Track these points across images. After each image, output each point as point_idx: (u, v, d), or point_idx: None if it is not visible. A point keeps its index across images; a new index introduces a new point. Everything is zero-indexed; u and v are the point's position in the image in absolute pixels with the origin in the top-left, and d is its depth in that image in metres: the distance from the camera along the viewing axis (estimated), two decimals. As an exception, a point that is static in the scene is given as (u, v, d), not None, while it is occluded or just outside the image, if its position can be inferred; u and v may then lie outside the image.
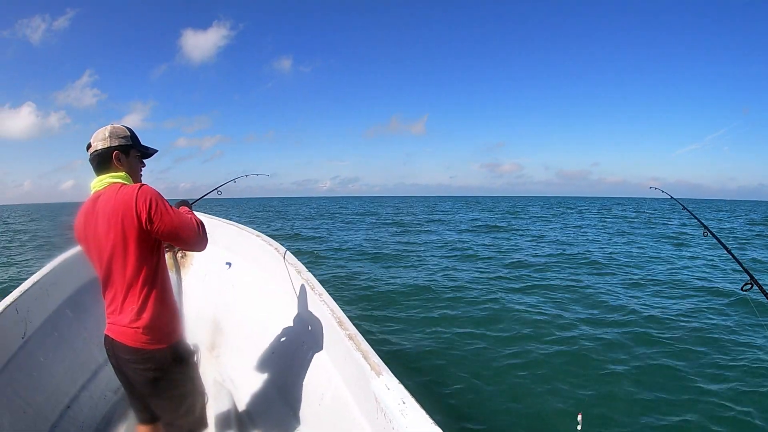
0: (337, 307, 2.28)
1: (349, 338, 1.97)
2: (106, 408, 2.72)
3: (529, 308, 6.23)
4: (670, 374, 4.14)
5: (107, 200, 1.65)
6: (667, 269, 9.36)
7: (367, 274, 8.78)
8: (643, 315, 5.90)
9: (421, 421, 1.39)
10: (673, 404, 3.60)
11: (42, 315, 2.62)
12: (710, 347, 4.73)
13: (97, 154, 1.73)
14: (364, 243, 13.93)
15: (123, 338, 1.70)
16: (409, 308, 6.31)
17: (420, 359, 4.48)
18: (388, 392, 1.56)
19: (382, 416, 1.54)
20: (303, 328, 2.60)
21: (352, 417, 1.87)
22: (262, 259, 3.34)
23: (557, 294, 7.12)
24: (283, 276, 2.95)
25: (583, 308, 6.29)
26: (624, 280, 8.22)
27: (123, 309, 1.69)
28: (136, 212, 1.59)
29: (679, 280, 8.17)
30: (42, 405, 2.34)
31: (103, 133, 1.75)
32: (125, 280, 1.67)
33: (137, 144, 1.83)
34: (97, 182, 1.74)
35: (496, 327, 5.43)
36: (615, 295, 7.03)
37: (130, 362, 1.72)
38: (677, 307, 6.32)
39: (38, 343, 2.49)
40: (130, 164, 1.80)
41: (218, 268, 3.76)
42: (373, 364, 1.74)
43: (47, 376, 2.47)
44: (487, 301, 6.68)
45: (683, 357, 4.49)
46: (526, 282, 8.06)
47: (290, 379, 2.51)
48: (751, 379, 3.98)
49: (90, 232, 1.70)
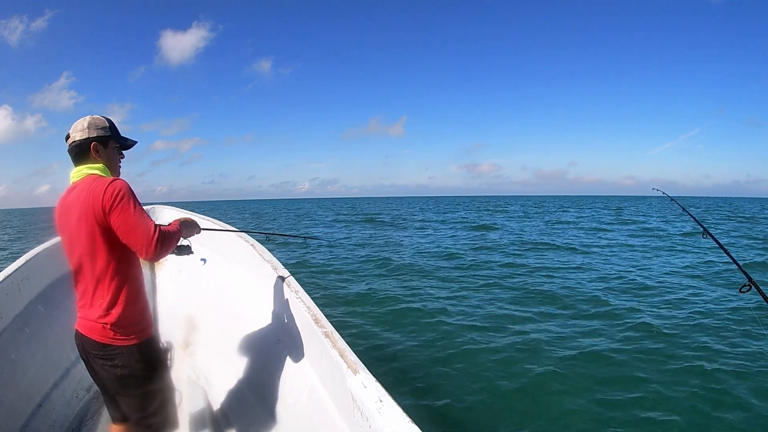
0: (313, 304, 2.25)
1: (325, 336, 1.95)
2: (79, 406, 2.65)
3: (511, 306, 6.32)
4: (659, 377, 4.11)
5: (80, 192, 1.62)
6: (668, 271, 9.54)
7: (350, 273, 8.78)
8: (635, 315, 5.93)
9: (398, 420, 1.38)
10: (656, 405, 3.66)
11: (13, 311, 2.54)
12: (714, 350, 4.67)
13: (76, 144, 1.70)
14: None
15: (91, 333, 1.67)
16: (386, 306, 6.34)
17: (398, 357, 4.49)
18: (365, 390, 1.55)
19: (359, 414, 1.52)
20: (279, 326, 2.57)
21: (329, 416, 1.85)
22: (238, 256, 3.29)
23: (538, 291, 7.21)
24: (258, 273, 2.91)
25: (566, 306, 6.41)
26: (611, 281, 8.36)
27: (92, 303, 1.66)
28: (102, 204, 1.56)
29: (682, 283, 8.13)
30: (13, 403, 2.26)
31: (82, 124, 1.71)
32: (95, 274, 1.64)
33: (116, 135, 1.79)
34: (75, 173, 1.71)
35: (478, 325, 5.46)
36: (603, 295, 7.12)
37: (97, 358, 1.69)
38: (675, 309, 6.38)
39: (9, 340, 2.41)
40: (109, 156, 1.76)
41: (193, 265, 3.69)
42: (349, 362, 1.72)
43: (19, 374, 2.39)
44: (466, 298, 6.75)
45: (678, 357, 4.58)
46: (509, 280, 8.15)
47: (266, 377, 2.48)
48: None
49: (64, 223, 1.68)
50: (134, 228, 1.58)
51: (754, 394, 3.70)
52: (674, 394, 3.72)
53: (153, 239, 1.59)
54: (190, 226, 1.98)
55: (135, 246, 1.60)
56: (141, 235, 1.58)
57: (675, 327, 5.35)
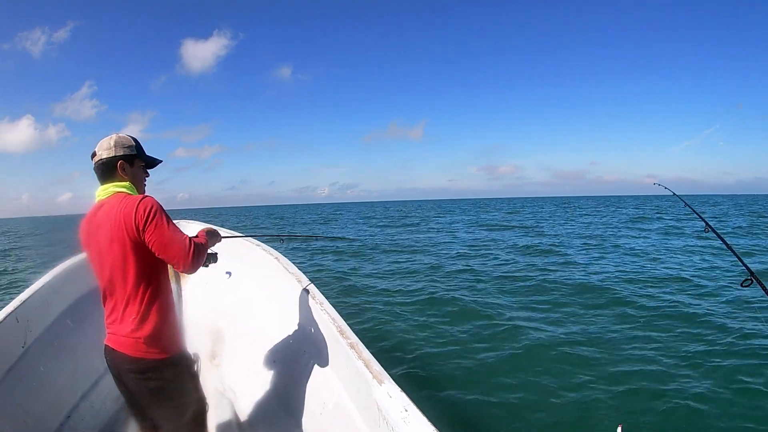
0: (338, 315, 2.27)
1: (350, 347, 1.96)
2: (107, 417, 2.70)
3: (542, 319, 6.16)
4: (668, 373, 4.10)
5: (109, 210, 1.66)
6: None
7: (373, 279, 8.76)
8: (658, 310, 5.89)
9: (423, 429, 1.38)
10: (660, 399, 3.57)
11: (42, 324, 2.61)
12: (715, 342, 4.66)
13: (102, 163, 1.75)
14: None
15: (123, 348, 1.70)
16: (413, 315, 6.29)
17: (424, 367, 4.45)
18: (391, 400, 1.55)
19: (385, 424, 1.52)
20: (304, 337, 2.59)
21: (355, 426, 1.86)
22: (262, 268, 3.33)
23: (568, 303, 6.99)
24: (283, 285, 2.94)
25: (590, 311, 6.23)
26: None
27: (123, 319, 1.69)
28: (134, 222, 1.60)
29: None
30: (42, 415, 2.32)
31: (108, 143, 1.76)
32: (126, 291, 1.68)
33: (142, 154, 1.84)
34: (101, 191, 1.75)
35: (505, 337, 5.32)
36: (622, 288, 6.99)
37: (130, 372, 1.72)
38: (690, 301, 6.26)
39: (38, 352, 2.47)
40: (135, 174, 1.81)
41: (218, 278, 3.75)
42: (375, 372, 1.73)
43: (48, 386, 2.45)
44: (497, 307, 6.60)
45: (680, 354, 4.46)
46: (545, 291, 7.74)
47: (291, 388, 2.49)
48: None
49: (92, 241, 1.71)
50: (170, 243, 1.63)
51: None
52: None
53: (190, 252, 1.64)
54: (214, 235, 2.04)
55: (173, 260, 1.65)
56: (178, 249, 1.63)
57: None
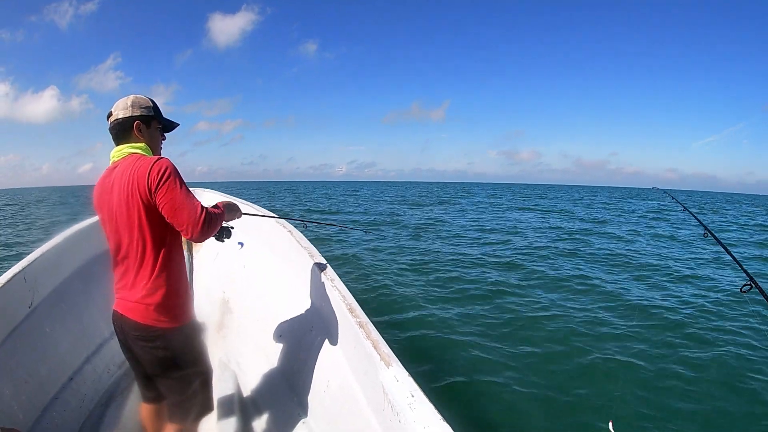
0: (348, 293, 2.21)
1: (359, 326, 1.90)
2: (110, 382, 2.71)
3: (557, 305, 6.06)
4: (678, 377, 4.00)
5: (123, 171, 1.60)
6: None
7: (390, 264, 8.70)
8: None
9: (429, 416, 1.33)
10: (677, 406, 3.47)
11: (50, 285, 2.60)
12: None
13: (118, 123, 1.69)
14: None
15: (133, 314, 1.66)
16: (427, 300, 6.20)
17: (432, 352, 4.40)
18: (397, 384, 1.50)
19: (389, 409, 1.47)
20: (312, 314, 2.54)
21: (358, 407, 1.81)
22: (275, 241, 3.29)
23: (582, 290, 6.85)
24: (295, 259, 2.90)
25: (605, 304, 6.07)
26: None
27: (135, 284, 1.65)
28: (147, 182, 1.54)
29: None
30: (44, 376, 2.32)
31: (125, 102, 1.71)
32: (138, 255, 1.62)
33: (159, 116, 1.78)
34: (115, 152, 1.70)
35: (518, 324, 5.28)
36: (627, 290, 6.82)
37: (138, 339, 1.68)
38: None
39: (44, 313, 2.47)
40: (151, 136, 1.75)
41: (230, 249, 3.73)
42: (383, 354, 1.68)
43: (51, 347, 2.45)
44: (512, 295, 6.50)
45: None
46: (561, 278, 7.72)
47: (296, 364, 2.46)
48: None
49: (104, 203, 1.66)
50: (181, 207, 1.56)
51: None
52: None
53: (200, 219, 1.57)
54: (233, 209, 1.96)
55: (181, 225, 1.59)
56: (188, 215, 1.57)
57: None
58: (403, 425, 1.36)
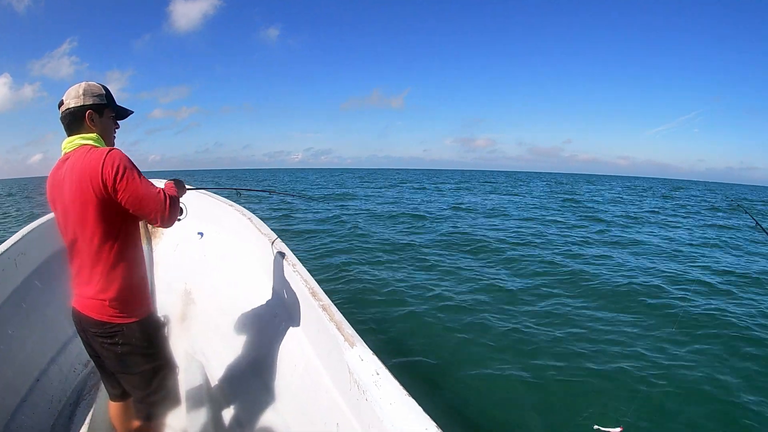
0: (310, 277, 2.22)
1: (322, 309, 1.92)
2: (77, 380, 2.66)
3: (517, 285, 6.24)
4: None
5: (74, 163, 1.54)
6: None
7: (348, 246, 8.72)
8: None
9: (395, 393, 1.36)
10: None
11: (9, 287, 2.51)
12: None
13: (69, 112, 1.61)
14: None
15: (89, 311, 1.61)
16: (387, 280, 6.30)
17: (396, 331, 4.49)
18: (362, 363, 1.53)
19: (356, 387, 1.50)
20: (276, 299, 2.55)
21: (325, 389, 1.84)
22: (235, 229, 3.25)
23: (549, 271, 7.05)
24: (255, 246, 2.88)
25: (583, 288, 6.22)
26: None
27: (90, 280, 1.60)
28: (102, 178, 1.48)
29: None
30: (11, 379, 2.26)
31: (77, 90, 1.62)
32: (92, 249, 1.57)
33: (112, 103, 1.70)
34: (66, 143, 1.62)
35: (484, 305, 5.37)
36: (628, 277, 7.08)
37: (97, 336, 1.64)
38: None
39: (6, 315, 2.39)
40: (104, 125, 1.67)
41: (190, 239, 3.66)
42: (346, 335, 1.70)
43: (16, 349, 2.38)
44: (474, 274, 6.66)
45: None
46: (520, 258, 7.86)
47: (262, 350, 2.47)
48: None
49: (57, 198, 1.60)
50: (145, 197, 1.53)
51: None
52: None
53: (165, 205, 1.55)
54: (181, 186, 1.94)
55: (150, 215, 1.56)
56: (155, 204, 1.54)
57: None
58: (369, 403, 1.39)
